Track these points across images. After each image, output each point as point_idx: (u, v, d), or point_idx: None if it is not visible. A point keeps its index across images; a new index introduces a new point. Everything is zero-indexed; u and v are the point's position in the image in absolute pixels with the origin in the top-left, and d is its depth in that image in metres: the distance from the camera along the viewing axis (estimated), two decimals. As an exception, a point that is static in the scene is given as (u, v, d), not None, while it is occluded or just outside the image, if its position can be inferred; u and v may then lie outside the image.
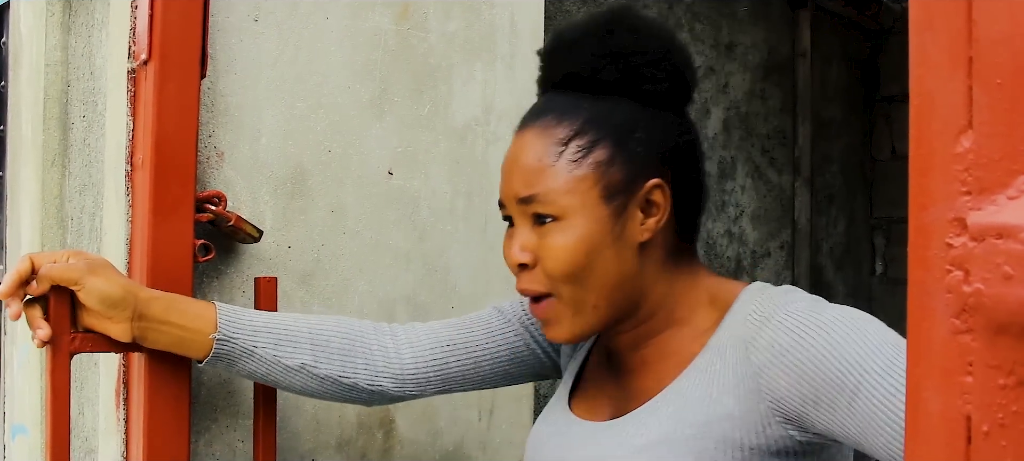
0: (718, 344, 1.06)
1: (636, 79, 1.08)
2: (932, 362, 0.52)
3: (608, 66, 1.08)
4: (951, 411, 0.52)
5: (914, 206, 0.53)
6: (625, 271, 1.08)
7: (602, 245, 1.07)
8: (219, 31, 1.41)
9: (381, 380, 1.30)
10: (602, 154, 1.07)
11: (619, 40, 1.09)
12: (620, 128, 1.08)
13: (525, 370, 1.36)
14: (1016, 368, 0.50)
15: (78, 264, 1.19)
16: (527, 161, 1.09)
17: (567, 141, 1.08)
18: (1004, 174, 0.50)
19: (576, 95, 1.10)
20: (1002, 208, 0.50)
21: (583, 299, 1.08)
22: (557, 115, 1.09)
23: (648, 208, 1.09)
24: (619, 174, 1.07)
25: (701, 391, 1.04)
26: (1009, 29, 0.50)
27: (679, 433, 1.03)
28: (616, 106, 1.09)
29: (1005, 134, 0.50)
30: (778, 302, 1.03)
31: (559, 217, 1.07)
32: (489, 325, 1.33)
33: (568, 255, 1.06)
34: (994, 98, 0.50)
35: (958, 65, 0.52)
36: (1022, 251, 0.49)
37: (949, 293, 0.51)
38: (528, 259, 1.09)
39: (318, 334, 1.28)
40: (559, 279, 1.08)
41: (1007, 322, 0.50)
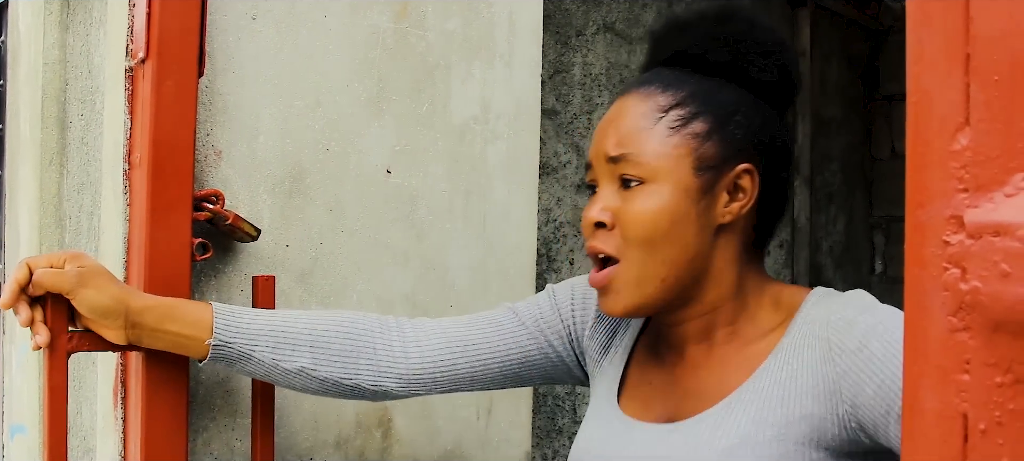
0: (792, 345, 1.06)
1: (745, 64, 1.10)
2: (929, 360, 0.52)
3: (720, 48, 1.10)
4: (948, 409, 0.51)
5: (911, 203, 0.53)
6: (700, 248, 1.08)
7: (685, 217, 1.07)
8: (217, 29, 1.41)
9: (384, 381, 1.28)
10: (700, 127, 1.08)
11: (734, 27, 1.12)
12: (722, 107, 1.09)
13: (536, 373, 1.33)
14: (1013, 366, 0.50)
15: (70, 273, 1.18)
16: (624, 122, 1.10)
17: (668, 108, 1.09)
18: (1001, 171, 0.50)
19: (685, 72, 1.12)
20: (999, 206, 0.50)
21: (651, 270, 1.08)
22: (662, 85, 1.11)
23: (735, 192, 1.09)
24: (713, 150, 1.08)
25: (779, 391, 1.03)
26: (1006, 26, 0.50)
27: (760, 435, 1.02)
28: (722, 87, 1.10)
29: (1002, 131, 0.50)
30: (859, 306, 1.03)
31: (647, 180, 1.07)
32: (501, 326, 1.31)
33: (650, 218, 1.06)
34: (991, 95, 0.50)
35: (955, 62, 0.51)
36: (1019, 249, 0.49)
37: (946, 291, 0.51)
38: (607, 218, 1.09)
39: (319, 335, 1.26)
40: (634, 243, 1.07)
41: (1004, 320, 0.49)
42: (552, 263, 2.56)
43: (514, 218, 1.72)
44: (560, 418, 2.60)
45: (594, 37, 2.61)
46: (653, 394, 1.17)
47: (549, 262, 2.56)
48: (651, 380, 1.18)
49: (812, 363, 1.03)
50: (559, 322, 1.31)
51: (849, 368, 0.99)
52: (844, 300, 1.06)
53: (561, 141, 2.58)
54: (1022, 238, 0.49)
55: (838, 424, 1.01)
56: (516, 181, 1.72)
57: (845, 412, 1.00)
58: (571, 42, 2.60)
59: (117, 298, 1.20)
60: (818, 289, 1.11)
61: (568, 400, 2.62)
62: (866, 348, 0.98)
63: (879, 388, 0.96)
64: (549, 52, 2.55)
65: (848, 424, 1.00)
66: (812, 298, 1.09)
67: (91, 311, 1.19)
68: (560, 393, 2.59)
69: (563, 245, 2.58)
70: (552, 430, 2.58)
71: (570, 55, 2.60)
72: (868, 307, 1.02)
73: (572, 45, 2.60)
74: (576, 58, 2.59)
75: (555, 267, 2.57)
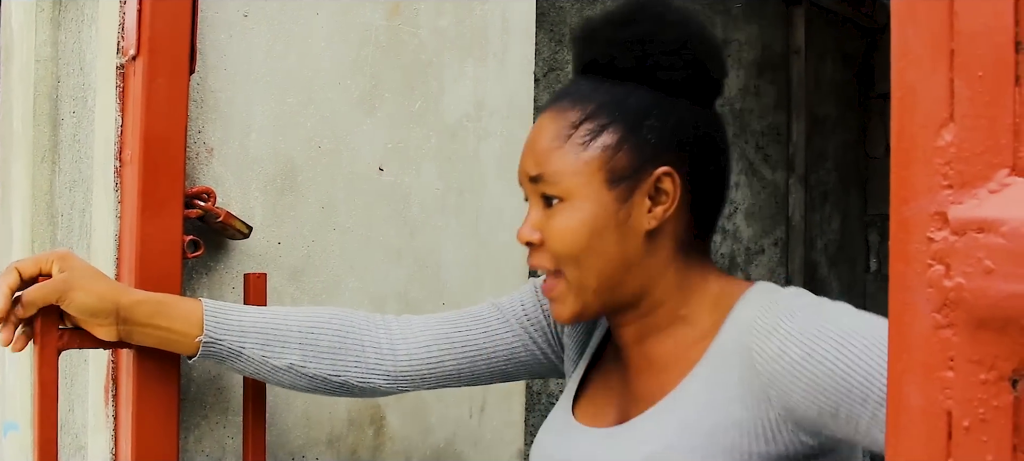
0: (721, 350, 1.05)
1: (652, 66, 1.09)
2: (913, 357, 0.52)
3: (624, 53, 1.10)
4: (932, 406, 0.51)
5: (896, 200, 0.53)
6: (628, 257, 1.09)
7: (604, 229, 1.07)
8: (208, 26, 1.41)
9: (373, 377, 1.29)
10: (610, 138, 1.08)
11: (638, 28, 1.10)
12: (633, 114, 1.08)
13: (521, 369, 1.34)
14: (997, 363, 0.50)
15: (56, 283, 1.17)
16: (539, 142, 1.11)
17: (578, 124, 1.09)
18: (985, 167, 0.50)
19: (597, 80, 1.12)
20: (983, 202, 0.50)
21: (584, 281, 1.09)
22: (572, 99, 1.11)
23: (657, 195, 1.08)
24: (626, 159, 1.08)
25: (706, 397, 1.03)
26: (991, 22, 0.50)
27: (685, 442, 1.02)
28: (632, 93, 1.09)
29: (986, 128, 0.50)
30: (783, 310, 1.01)
31: (564, 198, 1.09)
32: (487, 323, 1.32)
33: (570, 236, 1.08)
34: (976, 91, 0.50)
35: (940, 58, 0.51)
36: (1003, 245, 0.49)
37: (930, 287, 0.51)
38: (536, 238, 1.11)
39: (308, 332, 1.26)
40: (562, 259, 1.09)
41: (988, 317, 0.49)
42: (546, 261, 2.56)
43: (507, 216, 1.72)
44: (554, 416, 2.60)
45: (588, 35, 2.61)
46: (609, 398, 1.18)
47: (543, 260, 2.56)
48: (610, 384, 1.19)
49: (739, 370, 1.02)
50: (542, 318, 1.31)
51: (774, 375, 0.98)
52: (770, 302, 1.04)
53: (555, 139, 2.58)
54: (1006, 234, 0.49)
55: (771, 429, 1.00)
56: (509, 179, 1.72)
57: (777, 417, 0.99)
58: (565, 40, 2.60)
59: (105, 297, 1.19)
60: (757, 286, 1.10)
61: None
62: (785, 355, 0.97)
63: (806, 390, 0.96)
64: (543, 50, 2.55)
65: (783, 428, 0.99)
66: (746, 297, 1.08)
67: (81, 312, 1.19)
68: (554, 391, 2.59)
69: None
70: (546, 428, 2.58)
71: (564, 53, 2.60)
72: (793, 311, 1.00)
73: (566, 43, 2.60)
74: (570, 56, 2.59)
75: (549, 265, 2.57)
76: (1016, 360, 0.49)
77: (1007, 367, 0.49)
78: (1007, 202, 0.49)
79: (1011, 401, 0.49)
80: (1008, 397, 0.49)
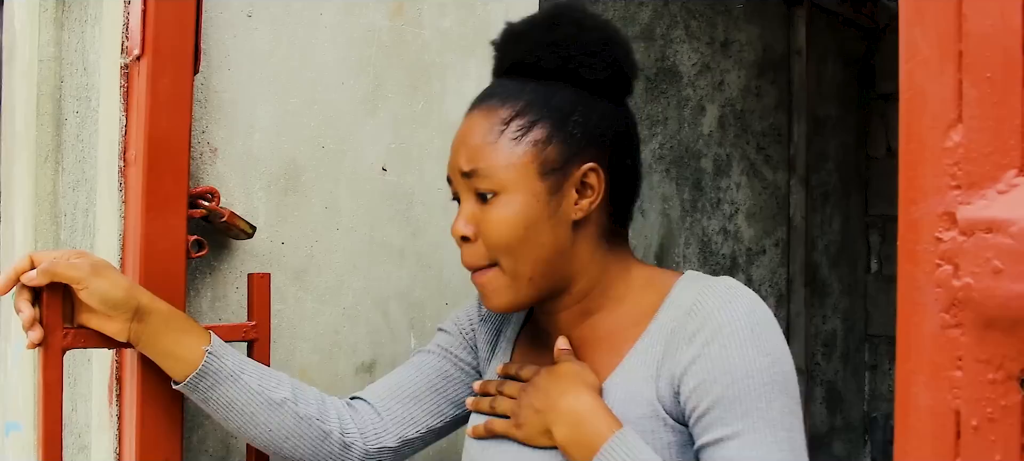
0: (658, 328, 1.13)
1: (575, 66, 1.15)
2: (922, 356, 0.52)
3: (550, 54, 1.16)
4: (940, 406, 0.52)
5: (904, 200, 0.53)
6: (559, 246, 1.15)
7: (538, 219, 1.13)
8: (213, 26, 1.41)
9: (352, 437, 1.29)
10: (540, 133, 1.14)
11: (562, 31, 1.16)
12: (559, 111, 1.15)
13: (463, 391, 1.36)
14: (1005, 363, 0.50)
15: (82, 264, 1.18)
16: (471, 139, 1.16)
17: (508, 120, 1.15)
18: (994, 168, 0.50)
19: (521, 80, 1.18)
20: (992, 202, 0.50)
21: (520, 270, 1.15)
22: (501, 98, 1.17)
23: (583, 189, 1.15)
24: (555, 153, 1.14)
25: (645, 371, 1.12)
26: (999, 23, 0.50)
27: (632, 412, 1.10)
28: (557, 91, 1.16)
29: (994, 128, 0.50)
30: (722, 301, 1.09)
31: (499, 191, 1.14)
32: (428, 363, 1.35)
33: (507, 227, 1.13)
34: (984, 92, 0.50)
35: (948, 60, 0.52)
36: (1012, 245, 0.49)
37: (939, 287, 0.51)
38: (470, 232, 1.16)
39: (297, 384, 1.29)
40: (499, 250, 1.14)
41: (996, 316, 0.50)
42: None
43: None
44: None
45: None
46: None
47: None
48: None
49: (673, 345, 1.10)
50: (461, 338, 1.36)
51: (691, 358, 1.07)
52: (707, 288, 1.12)
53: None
54: (1014, 235, 0.49)
55: (677, 407, 1.09)
56: (512, 179, 1.72)
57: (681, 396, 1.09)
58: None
59: (129, 291, 1.20)
60: (688, 274, 1.18)
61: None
62: (709, 345, 1.07)
63: (697, 385, 1.06)
64: (545, 50, 2.55)
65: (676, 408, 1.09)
66: (681, 282, 1.16)
67: (102, 302, 1.18)
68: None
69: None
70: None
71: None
72: (727, 301, 1.09)
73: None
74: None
75: (551, 265, 2.57)
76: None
77: (1015, 367, 0.49)
78: (1015, 202, 0.49)
79: (1019, 401, 0.49)
80: (1016, 396, 0.49)
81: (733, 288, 1.11)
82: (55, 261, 1.17)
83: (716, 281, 1.13)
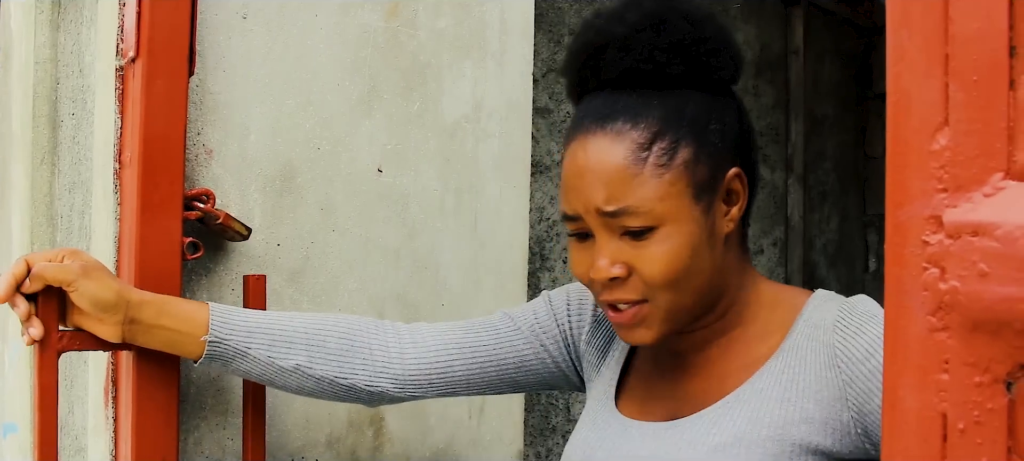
0: (794, 347, 1.05)
1: (704, 69, 1.06)
2: (909, 359, 0.52)
3: (673, 59, 1.05)
4: (927, 409, 0.52)
5: (891, 203, 0.53)
6: (716, 266, 1.07)
7: (701, 246, 1.04)
8: (207, 28, 1.41)
9: (380, 381, 1.27)
10: (687, 153, 1.04)
11: (678, 31, 1.06)
12: (696, 123, 1.05)
13: (532, 379, 1.32)
14: (992, 366, 0.50)
15: (72, 265, 1.18)
16: (607, 171, 1.03)
17: (649, 145, 1.03)
18: (980, 171, 0.50)
19: (641, 93, 1.06)
20: (978, 205, 0.50)
21: (681, 302, 1.06)
22: (628, 117, 1.04)
23: (730, 198, 1.07)
24: (705, 170, 1.05)
25: (779, 392, 1.03)
26: (985, 26, 0.50)
27: (755, 434, 1.01)
28: (687, 100, 1.06)
29: (981, 131, 0.50)
30: (866, 314, 1.02)
31: (657, 226, 1.03)
32: (498, 330, 1.30)
33: (672, 264, 1.03)
34: (970, 95, 0.51)
35: (935, 63, 0.52)
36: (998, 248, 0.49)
37: (925, 291, 0.52)
38: (621, 272, 1.04)
39: (314, 334, 1.25)
40: (659, 287, 1.04)
41: (983, 320, 0.50)
42: (545, 262, 2.57)
43: (506, 217, 1.72)
44: (553, 417, 2.60)
45: (587, 36, 2.61)
46: (652, 397, 1.16)
47: (542, 261, 2.56)
48: (651, 384, 1.18)
49: (816, 367, 1.02)
50: (556, 328, 1.30)
51: (855, 376, 0.99)
52: (849, 305, 1.05)
53: (554, 140, 2.58)
54: (1000, 238, 0.49)
55: (841, 430, 1.00)
56: (508, 180, 1.72)
57: (850, 419, 1.00)
58: (564, 41, 2.60)
59: (118, 292, 1.20)
60: (821, 292, 1.10)
61: (561, 399, 2.62)
62: (873, 358, 0.98)
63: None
64: (542, 51, 2.56)
65: (852, 430, 1.00)
66: (815, 300, 1.08)
67: (92, 304, 1.18)
68: (554, 394, 2.60)
69: (556, 244, 2.58)
70: (545, 429, 2.58)
71: (563, 54, 2.60)
72: (874, 315, 1.02)
73: (565, 44, 2.60)
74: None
75: (548, 266, 2.57)
76: (1011, 363, 0.49)
77: (1002, 370, 0.49)
78: (1001, 206, 0.49)
79: (1006, 403, 0.49)
80: (1003, 399, 0.50)
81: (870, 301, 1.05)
82: (45, 267, 1.17)
83: (854, 298, 1.06)
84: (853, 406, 1.00)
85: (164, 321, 1.22)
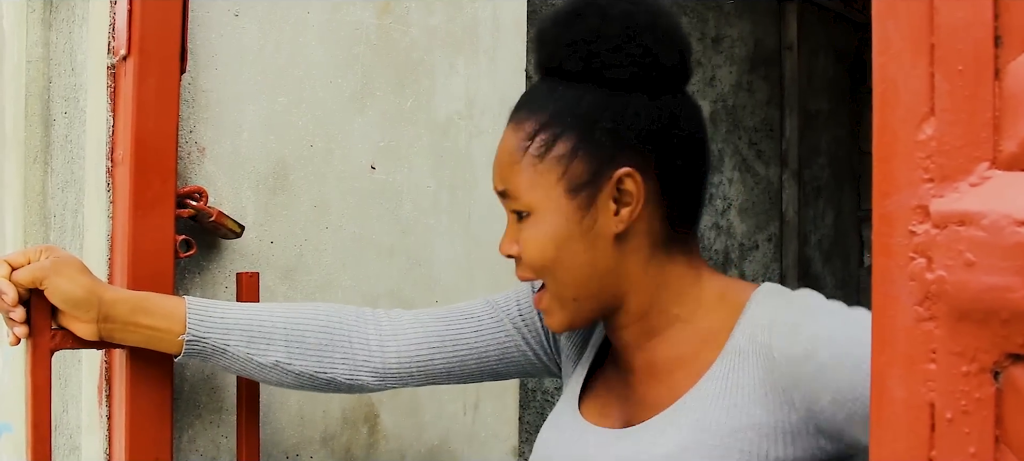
0: (737, 349, 1.03)
1: (598, 67, 1.05)
2: (896, 349, 0.52)
3: (571, 55, 1.06)
4: (915, 398, 0.52)
5: (878, 193, 0.53)
6: (601, 263, 1.07)
7: (569, 238, 1.06)
8: (199, 26, 1.41)
9: (360, 375, 1.27)
10: (564, 147, 1.06)
11: (582, 27, 1.06)
12: (584, 118, 1.05)
13: (512, 368, 1.32)
14: (979, 355, 0.50)
15: (44, 264, 1.17)
16: (501, 156, 1.11)
17: (532, 136, 1.08)
18: (966, 161, 0.51)
19: (550, 85, 1.09)
20: (964, 195, 0.50)
21: (563, 292, 1.09)
22: (528, 110, 1.10)
23: (621, 198, 1.06)
24: (582, 166, 1.05)
25: (724, 400, 1.01)
26: (970, 16, 0.50)
27: (702, 442, 1.00)
28: (583, 95, 1.06)
29: (966, 121, 0.50)
30: (805, 310, 1.00)
31: (529, 212, 1.08)
32: (479, 320, 1.30)
33: (539, 249, 1.07)
34: (956, 85, 0.51)
35: (920, 52, 0.52)
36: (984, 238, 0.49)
37: (912, 280, 0.52)
38: (514, 250, 1.11)
39: (293, 329, 1.25)
40: (536, 271, 1.09)
41: (969, 309, 0.50)
42: (540, 258, 2.56)
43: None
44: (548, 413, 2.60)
45: (581, 32, 2.61)
46: (611, 400, 1.16)
47: (537, 257, 2.56)
48: (611, 386, 1.17)
49: (757, 370, 1.00)
50: (536, 320, 1.30)
51: (799, 378, 0.97)
52: (788, 301, 1.03)
53: (548, 136, 2.58)
54: (987, 227, 0.49)
55: (792, 433, 0.98)
56: (501, 176, 1.72)
57: (798, 420, 0.98)
58: (558, 37, 2.60)
59: (89, 289, 1.19)
60: (764, 286, 1.07)
61: (556, 395, 2.62)
62: (814, 357, 0.96)
63: (836, 395, 0.94)
64: (536, 47, 2.55)
65: (803, 431, 0.98)
66: (757, 296, 1.05)
67: (63, 302, 1.18)
68: (548, 388, 2.60)
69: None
70: (540, 425, 2.58)
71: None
72: (813, 310, 1.00)
73: (559, 40, 2.60)
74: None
75: (543, 262, 2.57)
76: (998, 352, 0.49)
77: (989, 359, 0.50)
78: (988, 195, 0.49)
79: (993, 393, 0.50)
80: (990, 389, 0.50)
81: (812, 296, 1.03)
82: (19, 273, 1.17)
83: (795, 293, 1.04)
84: (799, 408, 0.97)
85: (140, 318, 1.21)
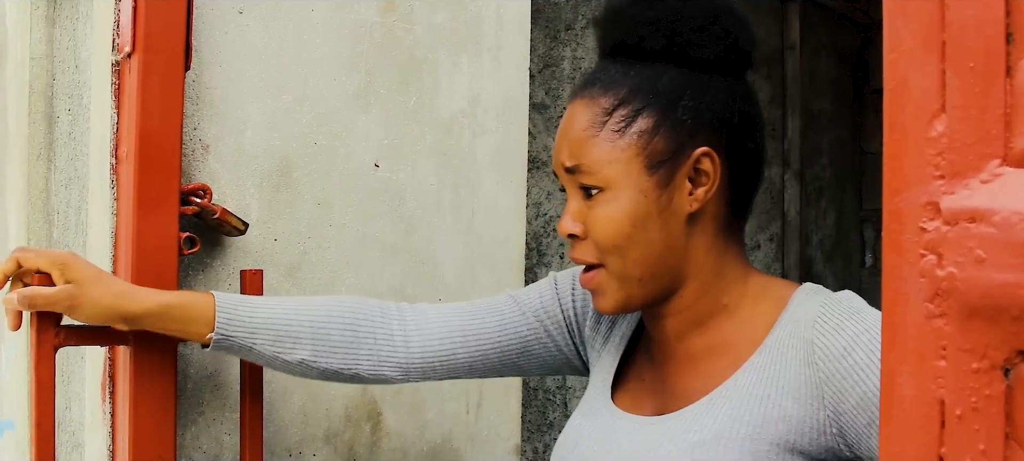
0: (777, 343, 1.04)
1: (682, 45, 1.06)
2: (906, 346, 0.52)
3: (653, 33, 1.07)
4: (925, 395, 0.52)
5: (888, 190, 0.53)
6: (672, 243, 1.07)
7: (647, 216, 1.06)
8: (203, 23, 1.41)
9: (384, 369, 1.27)
10: (645, 123, 1.06)
11: (665, 7, 1.07)
12: (666, 96, 1.06)
13: (535, 363, 1.32)
14: (989, 352, 0.50)
15: (62, 293, 1.17)
16: (573, 131, 1.09)
17: (611, 110, 1.07)
18: (977, 158, 0.50)
19: (625, 63, 1.09)
20: (975, 192, 0.50)
21: (629, 271, 1.07)
22: (603, 85, 1.09)
23: (697, 177, 1.07)
24: (663, 143, 1.06)
25: (759, 390, 1.02)
26: (981, 13, 0.50)
27: (735, 432, 1.01)
28: (663, 73, 1.07)
29: (978, 118, 0.50)
30: (845, 309, 1.01)
31: (604, 188, 1.06)
32: (502, 314, 1.30)
33: (613, 227, 1.06)
34: (967, 82, 0.51)
35: (931, 50, 0.52)
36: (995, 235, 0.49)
37: (923, 277, 0.52)
38: (578, 230, 1.09)
39: (320, 328, 1.25)
40: (606, 250, 1.07)
41: (980, 306, 0.50)
42: (542, 257, 2.56)
43: (503, 212, 1.72)
44: (551, 412, 2.60)
45: (583, 31, 2.61)
46: (643, 389, 1.16)
47: (539, 256, 2.56)
48: (643, 375, 1.17)
49: (795, 364, 1.01)
50: (559, 312, 1.30)
51: (832, 373, 0.98)
52: (832, 301, 1.04)
53: (551, 135, 2.58)
54: (997, 224, 0.49)
55: (817, 429, 0.99)
56: (505, 175, 1.72)
57: (825, 418, 0.99)
58: (561, 36, 2.60)
59: (111, 310, 1.19)
60: (806, 285, 1.09)
61: (559, 394, 2.62)
62: (850, 355, 0.97)
63: (862, 398, 0.96)
64: (539, 46, 2.55)
65: (828, 430, 0.99)
66: (800, 295, 1.07)
67: (86, 322, 1.22)
68: (550, 386, 2.60)
69: (553, 239, 2.58)
70: (542, 424, 2.58)
71: (560, 49, 2.61)
72: (856, 311, 1.01)
73: (561, 39, 2.60)
74: (565, 52, 2.59)
75: (545, 261, 2.57)
76: (1008, 349, 0.49)
77: (999, 356, 0.50)
78: (998, 192, 0.49)
79: (1003, 390, 0.50)
80: (1000, 386, 0.50)
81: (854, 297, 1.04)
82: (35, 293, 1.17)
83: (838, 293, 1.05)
84: (829, 404, 0.99)
85: (167, 324, 1.22)
